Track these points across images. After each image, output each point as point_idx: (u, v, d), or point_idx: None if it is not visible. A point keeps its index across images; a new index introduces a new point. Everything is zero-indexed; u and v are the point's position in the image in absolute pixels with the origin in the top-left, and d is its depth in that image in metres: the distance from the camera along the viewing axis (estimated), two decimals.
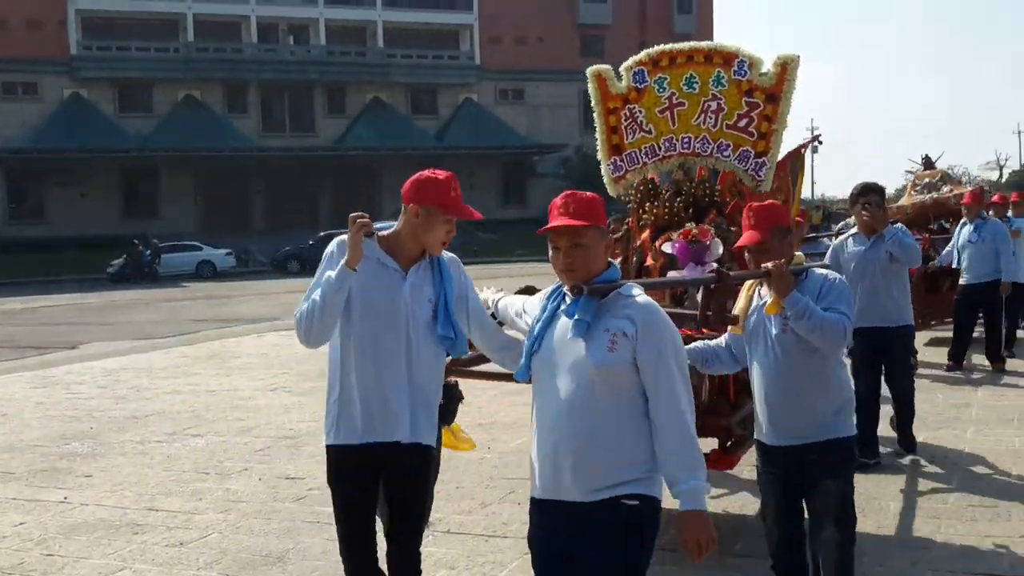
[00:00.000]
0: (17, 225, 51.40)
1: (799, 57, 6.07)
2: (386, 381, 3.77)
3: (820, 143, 17.70)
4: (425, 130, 60.38)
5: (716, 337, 4.60)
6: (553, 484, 3.30)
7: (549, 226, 3.32)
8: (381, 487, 3.97)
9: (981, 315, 11.22)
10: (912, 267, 7.78)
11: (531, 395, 3.45)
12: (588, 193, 3.45)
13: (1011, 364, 11.10)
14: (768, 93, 6.05)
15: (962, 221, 11.31)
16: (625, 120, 6.31)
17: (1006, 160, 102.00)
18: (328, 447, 3.92)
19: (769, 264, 4.16)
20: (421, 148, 58.49)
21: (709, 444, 5.10)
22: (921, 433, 7.75)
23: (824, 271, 4.43)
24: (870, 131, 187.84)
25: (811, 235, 13.78)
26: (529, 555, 3.48)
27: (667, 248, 5.85)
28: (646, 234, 6.14)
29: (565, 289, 3.40)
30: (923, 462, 7.26)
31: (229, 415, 10.09)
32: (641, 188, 6.30)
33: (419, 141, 58.81)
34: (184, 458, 8.23)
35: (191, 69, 55.63)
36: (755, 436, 4.51)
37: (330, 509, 4.03)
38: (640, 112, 6.28)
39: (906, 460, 7.32)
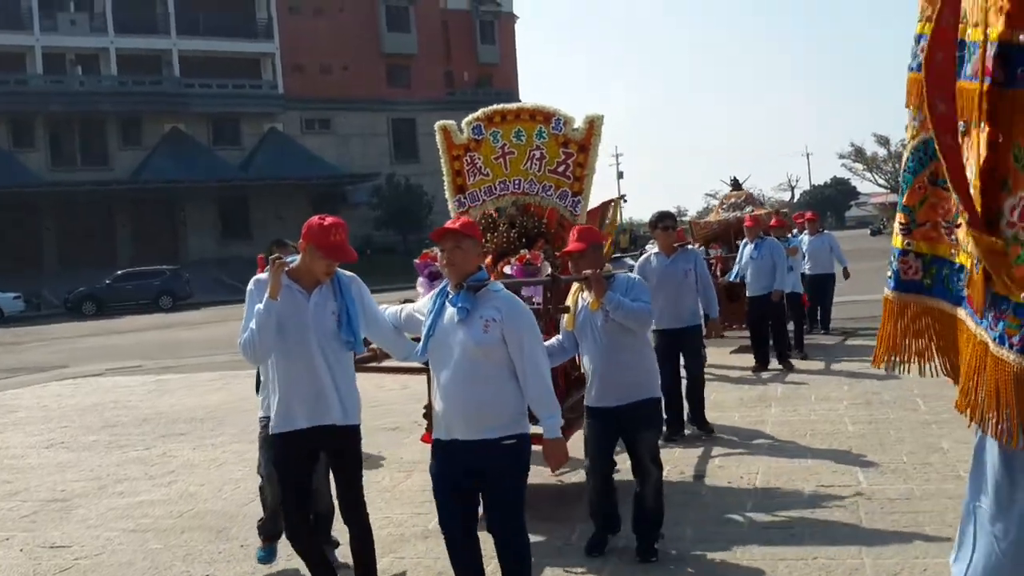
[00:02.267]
0: None
1: (603, 116, 7.46)
2: (303, 380, 4.80)
3: (625, 201, 20.07)
4: (229, 161, 58.82)
5: (556, 324, 6.24)
6: (452, 429, 4.49)
7: (439, 230, 4.61)
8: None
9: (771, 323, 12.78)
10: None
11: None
12: (470, 219, 5.28)
13: (801, 379, 11.74)
14: (580, 145, 7.48)
15: (744, 241, 13.03)
16: (467, 165, 7.69)
17: (797, 181, 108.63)
18: (272, 434, 4.98)
19: (588, 271, 5.65)
20: (225, 179, 56.93)
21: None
22: (717, 451, 8.30)
23: (628, 274, 6.01)
24: (669, 156, 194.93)
25: (616, 255, 16.92)
26: None
27: (508, 270, 7.09)
28: (488, 259, 7.19)
29: (449, 288, 4.62)
30: (719, 480, 7.38)
31: None
32: (482, 222, 7.51)
33: (223, 172, 57.33)
34: None
35: None
36: (587, 403, 5.88)
37: None
38: (479, 159, 7.66)
39: (706, 468, 7.54)
